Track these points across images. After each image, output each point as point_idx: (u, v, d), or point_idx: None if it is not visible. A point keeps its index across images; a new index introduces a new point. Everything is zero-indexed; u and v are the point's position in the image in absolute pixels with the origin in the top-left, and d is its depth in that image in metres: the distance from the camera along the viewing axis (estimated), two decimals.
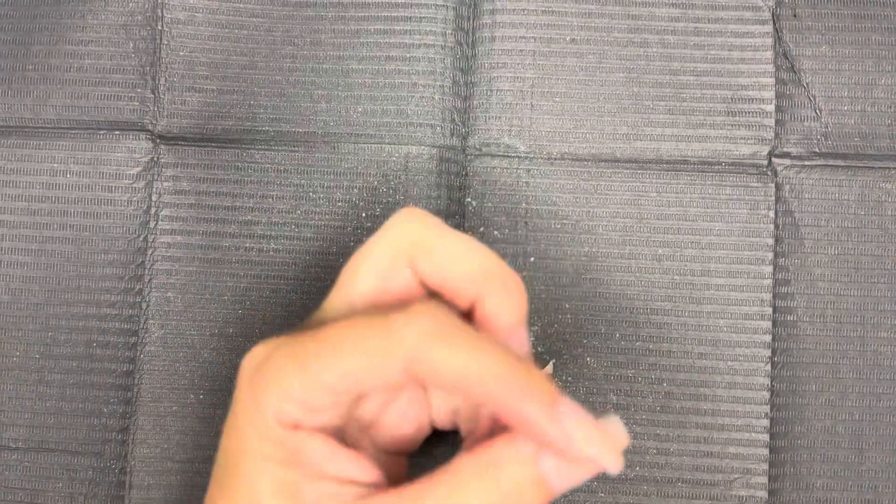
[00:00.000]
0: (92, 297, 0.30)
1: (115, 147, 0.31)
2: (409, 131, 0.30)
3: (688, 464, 0.29)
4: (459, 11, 0.31)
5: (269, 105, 0.31)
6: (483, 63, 0.31)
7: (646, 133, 0.30)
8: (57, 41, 0.31)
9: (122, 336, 0.30)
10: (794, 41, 0.30)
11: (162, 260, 0.30)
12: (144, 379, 0.30)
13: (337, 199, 0.30)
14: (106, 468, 0.30)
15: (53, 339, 0.30)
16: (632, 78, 0.30)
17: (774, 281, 0.30)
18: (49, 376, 0.30)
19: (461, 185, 0.30)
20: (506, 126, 0.30)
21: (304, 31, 0.31)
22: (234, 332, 0.30)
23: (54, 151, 0.31)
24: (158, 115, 0.31)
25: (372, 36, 0.31)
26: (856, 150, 0.30)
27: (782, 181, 0.30)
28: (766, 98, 0.30)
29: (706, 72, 0.30)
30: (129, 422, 0.30)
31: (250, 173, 0.31)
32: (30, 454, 0.30)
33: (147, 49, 0.31)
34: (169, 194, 0.31)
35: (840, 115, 0.30)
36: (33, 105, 0.31)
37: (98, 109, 0.31)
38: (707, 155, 0.30)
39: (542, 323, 0.30)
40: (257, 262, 0.30)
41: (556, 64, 0.31)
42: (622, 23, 0.31)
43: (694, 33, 0.30)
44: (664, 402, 0.29)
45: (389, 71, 0.31)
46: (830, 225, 0.30)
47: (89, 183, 0.31)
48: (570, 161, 0.30)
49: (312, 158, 0.31)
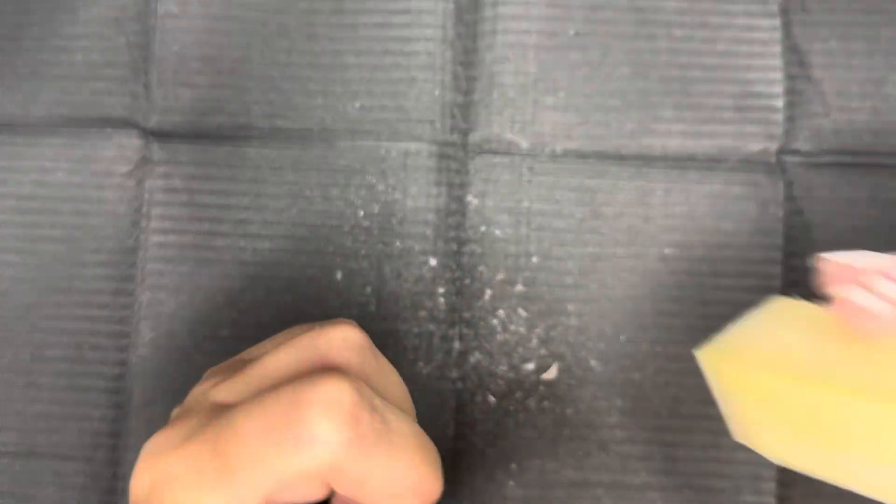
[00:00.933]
0: (82, 297, 0.30)
1: (106, 144, 0.31)
2: (408, 127, 0.30)
3: (695, 470, 0.29)
4: (460, 3, 0.31)
5: (264, 100, 0.31)
6: (484, 57, 0.30)
7: (652, 129, 0.30)
8: (48, 36, 0.31)
9: (113, 338, 0.30)
10: (804, 35, 0.30)
11: (154, 260, 0.30)
12: (136, 382, 0.30)
13: (333, 197, 0.30)
14: (97, 473, 0.30)
15: (43, 340, 0.30)
16: (638, 73, 0.30)
17: (784, 281, 0.29)
18: (39, 379, 0.30)
19: (462, 182, 0.30)
20: (508, 122, 0.30)
21: (300, 24, 0.31)
22: (228, 334, 0.30)
23: (44, 149, 0.31)
24: (150, 111, 0.31)
25: (369, 29, 0.31)
26: (867, 148, 0.30)
27: (792, 179, 0.30)
28: (775, 93, 0.30)
29: (714, 66, 0.30)
30: (121, 426, 0.30)
31: (244, 171, 0.30)
32: (19, 459, 0.30)
33: (139, 43, 0.31)
34: (161, 192, 0.30)
35: (850, 111, 0.30)
36: (23, 101, 0.31)
37: (89, 105, 0.31)
38: (715, 152, 0.30)
39: (546, 325, 0.29)
40: (251, 262, 0.30)
41: (559, 58, 0.30)
42: (628, 16, 0.30)
43: (701, 27, 0.30)
44: (672, 407, 0.29)
45: (387, 65, 0.30)
46: (841, 223, 0.30)
47: (80, 181, 0.31)
48: (575, 158, 0.30)
49: (308, 155, 0.30)
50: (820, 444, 0.22)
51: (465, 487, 0.29)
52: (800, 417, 0.22)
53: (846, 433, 0.21)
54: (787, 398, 0.22)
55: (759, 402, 0.23)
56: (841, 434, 0.21)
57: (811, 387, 0.21)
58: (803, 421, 0.22)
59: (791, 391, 0.21)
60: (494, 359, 0.29)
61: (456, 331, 0.29)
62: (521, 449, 0.29)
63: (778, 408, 0.22)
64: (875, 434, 0.20)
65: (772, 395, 0.22)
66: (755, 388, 0.23)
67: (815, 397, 0.21)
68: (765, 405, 0.23)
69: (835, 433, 0.21)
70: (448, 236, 0.30)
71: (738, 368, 0.23)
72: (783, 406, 0.22)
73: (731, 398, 0.24)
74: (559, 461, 0.29)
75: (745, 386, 0.23)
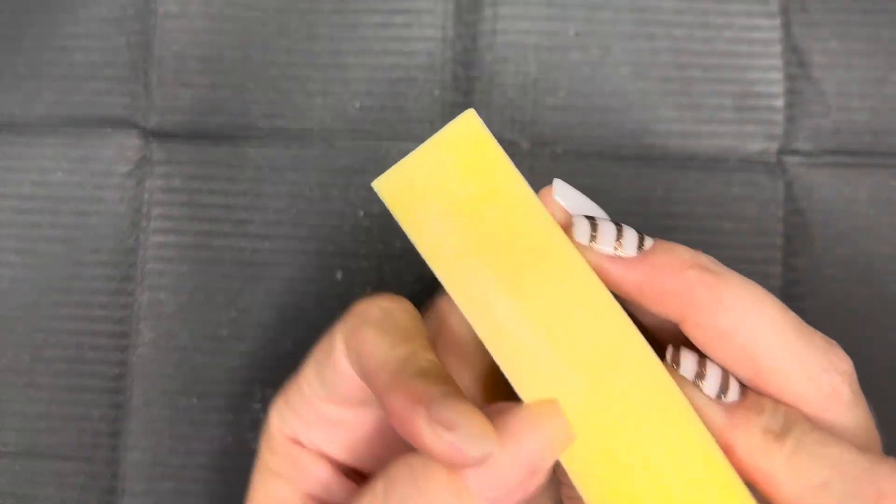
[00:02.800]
0: (82, 297, 0.30)
1: (106, 144, 0.31)
2: (408, 127, 0.30)
3: None
4: (460, 3, 0.31)
5: (264, 100, 0.30)
6: (484, 57, 0.30)
7: (652, 129, 0.30)
8: (48, 36, 0.31)
9: (113, 338, 0.30)
10: (804, 35, 0.30)
11: (154, 260, 0.30)
12: (136, 382, 0.30)
13: (333, 197, 0.30)
14: (97, 473, 0.30)
15: (44, 340, 0.30)
16: (638, 73, 0.30)
17: (784, 281, 0.29)
18: (39, 379, 0.30)
19: None
20: (508, 121, 0.30)
21: (300, 24, 0.31)
22: (228, 334, 0.30)
23: (44, 149, 0.31)
24: (150, 111, 0.31)
25: (370, 29, 0.31)
26: (867, 148, 0.30)
27: (792, 179, 0.30)
28: (775, 93, 0.30)
29: (714, 66, 0.30)
30: (121, 426, 0.30)
31: (244, 171, 0.30)
32: (19, 459, 0.30)
33: (139, 43, 0.31)
34: (161, 192, 0.30)
35: (850, 111, 0.30)
36: (23, 101, 0.31)
37: (88, 105, 0.31)
38: (715, 152, 0.30)
39: None
40: (251, 262, 0.30)
41: (559, 58, 0.30)
42: (628, 16, 0.30)
43: (701, 27, 0.30)
44: None
45: (388, 65, 0.30)
46: (841, 224, 0.30)
47: (79, 181, 0.31)
48: (574, 158, 0.30)
49: (308, 155, 0.30)
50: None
51: None
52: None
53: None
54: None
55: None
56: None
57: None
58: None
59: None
60: None
61: None
62: None
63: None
64: None
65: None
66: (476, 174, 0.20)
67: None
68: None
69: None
70: None
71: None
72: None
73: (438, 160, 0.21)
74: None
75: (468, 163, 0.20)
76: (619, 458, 0.18)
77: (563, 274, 0.19)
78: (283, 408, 0.22)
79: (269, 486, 0.22)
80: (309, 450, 0.22)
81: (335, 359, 0.21)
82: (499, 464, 0.17)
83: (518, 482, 0.18)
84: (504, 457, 0.17)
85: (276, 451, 0.22)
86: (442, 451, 0.17)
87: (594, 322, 0.19)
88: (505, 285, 0.19)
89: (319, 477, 0.22)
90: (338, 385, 0.21)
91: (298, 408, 0.22)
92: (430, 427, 0.17)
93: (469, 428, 0.17)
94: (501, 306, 0.19)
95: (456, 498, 0.17)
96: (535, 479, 0.18)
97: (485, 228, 0.20)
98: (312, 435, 0.22)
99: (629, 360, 0.19)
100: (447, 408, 0.17)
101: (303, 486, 0.22)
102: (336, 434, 0.22)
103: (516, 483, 0.18)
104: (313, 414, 0.22)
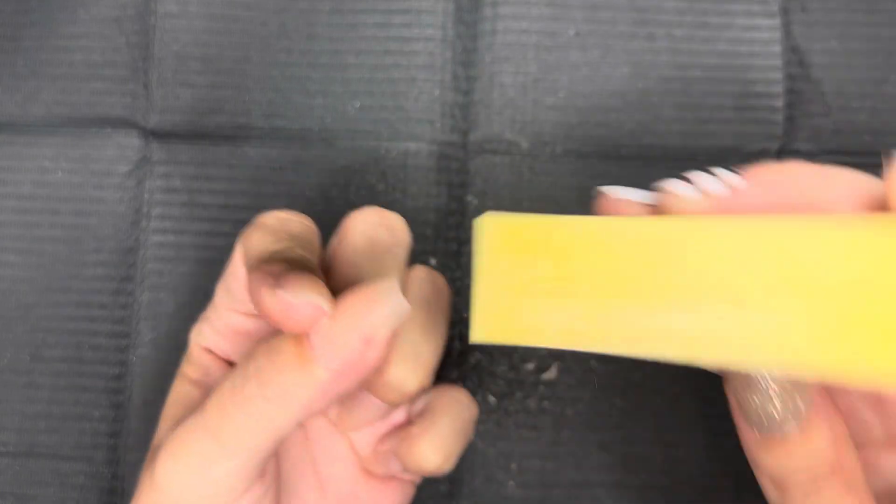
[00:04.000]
0: (82, 297, 0.30)
1: (106, 144, 0.31)
2: (408, 127, 0.30)
3: (695, 470, 0.29)
4: (460, 3, 0.30)
5: (264, 100, 0.30)
6: (484, 57, 0.30)
7: (652, 129, 0.30)
8: (47, 36, 0.31)
9: (112, 338, 0.30)
10: (804, 35, 0.30)
11: (154, 260, 0.30)
12: (136, 382, 0.30)
13: (333, 197, 0.30)
14: (97, 473, 0.30)
15: (43, 340, 0.30)
16: (638, 72, 0.30)
17: None
18: (39, 379, 0.30)
19: (462, 182, 0.30)
20: (508, 121, 0.30)
21: (300, 24, 0.31)
22: None
23: (44, 149, 0.31)
24: (150, 111, 0.31)
25: (369, 29, 0.30)
26: (867, 148, 0.30)
27: None
28: (775, 93, 0.30)
29: (714, 66, 0.30)
30: (121, 426, 0.30)
31: (244, 171, 0.30)
32: (19, 459, 0.30)
33: (139, 43, 0.31)
34: (161, 192, 0.30)
35: (850, 111, 0.30)
36: (23, 101, 0.31)
37: (88, 105, 0.31)
38: (715, 152, 0.30)
39: None
40: None
41: (559, 58, 0.30)
42: (628, 15, 0.30)
43: (701, 27, 0.30)
44: (672, 407, 0.29)
45: (387, 65, 0.30)
46: None
47: (79, 181, 0.31)
48: (575, 157, 0.30)
49: (308, 155, 0.30)
50: (627, 301, 0.20)
51: (465, 487, 0.29)
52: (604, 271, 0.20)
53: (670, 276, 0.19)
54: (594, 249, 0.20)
55: (545, 268, 0.20)
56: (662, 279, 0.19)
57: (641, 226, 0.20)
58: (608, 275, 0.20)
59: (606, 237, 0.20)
60: (494, 359, 0.29)
61: (456, 331, 0.29)
62: (521, 449, 0.29)
63: (570, 268, 0.20)
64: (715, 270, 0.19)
65: (567, 252, 0.20)
66: (544, 248, 0.21)
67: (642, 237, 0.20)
68: (554, 268, 0.20)
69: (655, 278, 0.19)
70: (448, 236, 0.30)
71: (530, 225, 0.21)
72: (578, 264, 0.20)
73: (501, 269, 0.21)
74: (559, 461, 0.29)
75: (530, 248, 0.21)
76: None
77: (690, 246, 0.19)
78: (201, 322, 0.25)
79: (182, 390, 0.24)
80: (219, 357, 0.24)
81: (234, 265, 0.23)
82: (335, 332, 0.19)
83: (355, 351, 0.19)
84: (339, 325, 0.19)
85: (192, 361, 0.24)
86: (277, 308, 0.19)
87: (769, 251, 0.18)
88: (661, 295, 0.19)
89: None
90: (240, 292, 0.23)
91: (213, 321, 0.24)
92: (271, 291, 0.19)
93: (300, 286, 0.19)
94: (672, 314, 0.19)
95: (300, 366, 0.19)
96: (371, 349, 0.20)
97: (592, 278, 0.20)
98: (223, 344, 0.24)
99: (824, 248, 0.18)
100: (290, 276, 0.19)
101: (210, 389, 0.23)
102: (242, 343, 0.24)
103: (354, 352, 0.19)
104: (222, 324, 0.24)
